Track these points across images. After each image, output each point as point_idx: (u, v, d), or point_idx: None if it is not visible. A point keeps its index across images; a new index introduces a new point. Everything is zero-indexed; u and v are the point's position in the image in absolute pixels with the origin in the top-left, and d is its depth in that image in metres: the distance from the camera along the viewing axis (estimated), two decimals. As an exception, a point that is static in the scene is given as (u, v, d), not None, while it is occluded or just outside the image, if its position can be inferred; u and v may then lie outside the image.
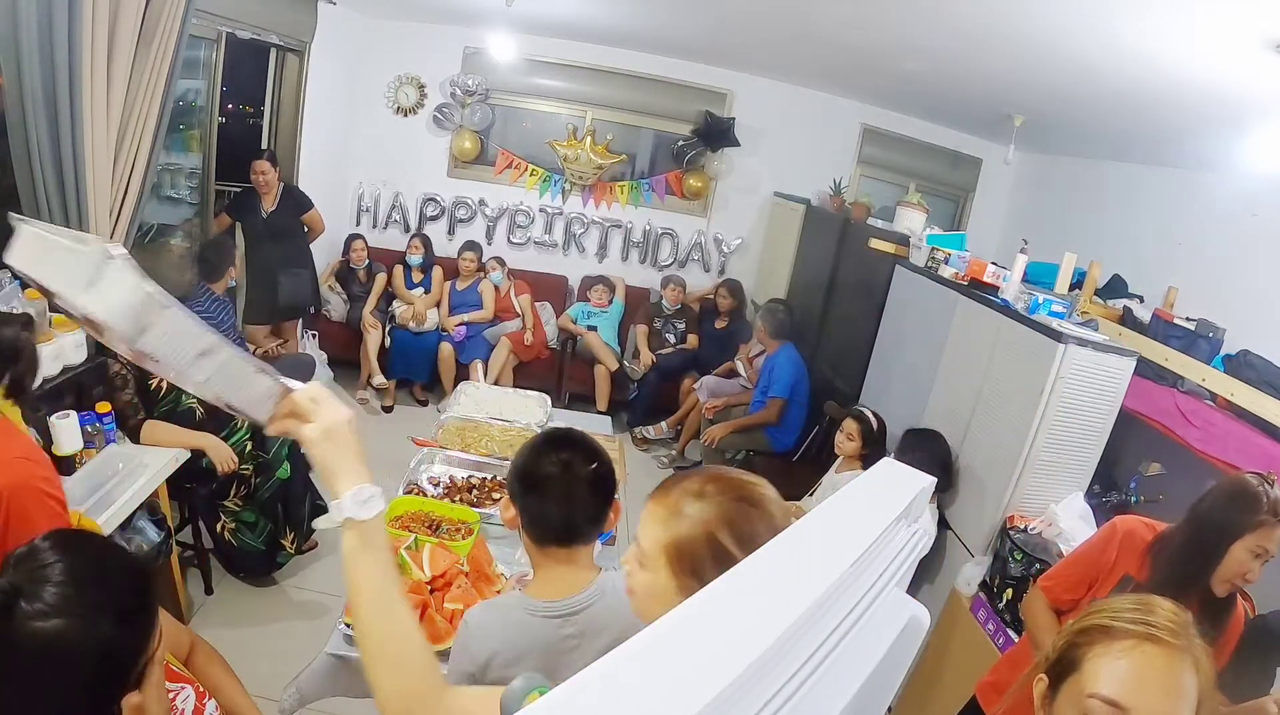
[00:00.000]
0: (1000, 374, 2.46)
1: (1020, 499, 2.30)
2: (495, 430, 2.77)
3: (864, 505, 0.59)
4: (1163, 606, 0.86)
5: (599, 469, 1.28)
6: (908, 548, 0.58)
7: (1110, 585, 1.56)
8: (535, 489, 1.26)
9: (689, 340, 4.88)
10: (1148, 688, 0.80)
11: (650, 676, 0.35)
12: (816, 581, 0.45)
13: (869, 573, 0.53)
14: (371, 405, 4.46)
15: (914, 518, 0.62)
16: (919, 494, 0.63)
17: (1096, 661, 0.84)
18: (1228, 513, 1.45)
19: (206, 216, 3.90)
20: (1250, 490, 1.45)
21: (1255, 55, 2.00)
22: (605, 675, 0.35)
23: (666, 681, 0.35)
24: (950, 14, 2.57)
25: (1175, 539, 1.52)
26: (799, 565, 0.47)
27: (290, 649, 2.39)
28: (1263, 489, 1.45)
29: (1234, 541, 1.43)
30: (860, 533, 0.53)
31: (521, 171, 5.15)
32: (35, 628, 0.86)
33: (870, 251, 3.54)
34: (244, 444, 2.63)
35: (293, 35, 4.06)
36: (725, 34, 3.99)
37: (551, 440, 1.32)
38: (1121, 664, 0.82)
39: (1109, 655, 0.83)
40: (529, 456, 1.30)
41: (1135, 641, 0.83)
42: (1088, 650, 0.86)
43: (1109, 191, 4.29)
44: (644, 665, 0.36)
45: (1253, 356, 2.38)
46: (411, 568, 1.77)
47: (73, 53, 2.19)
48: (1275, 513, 1.43)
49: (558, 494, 1.25)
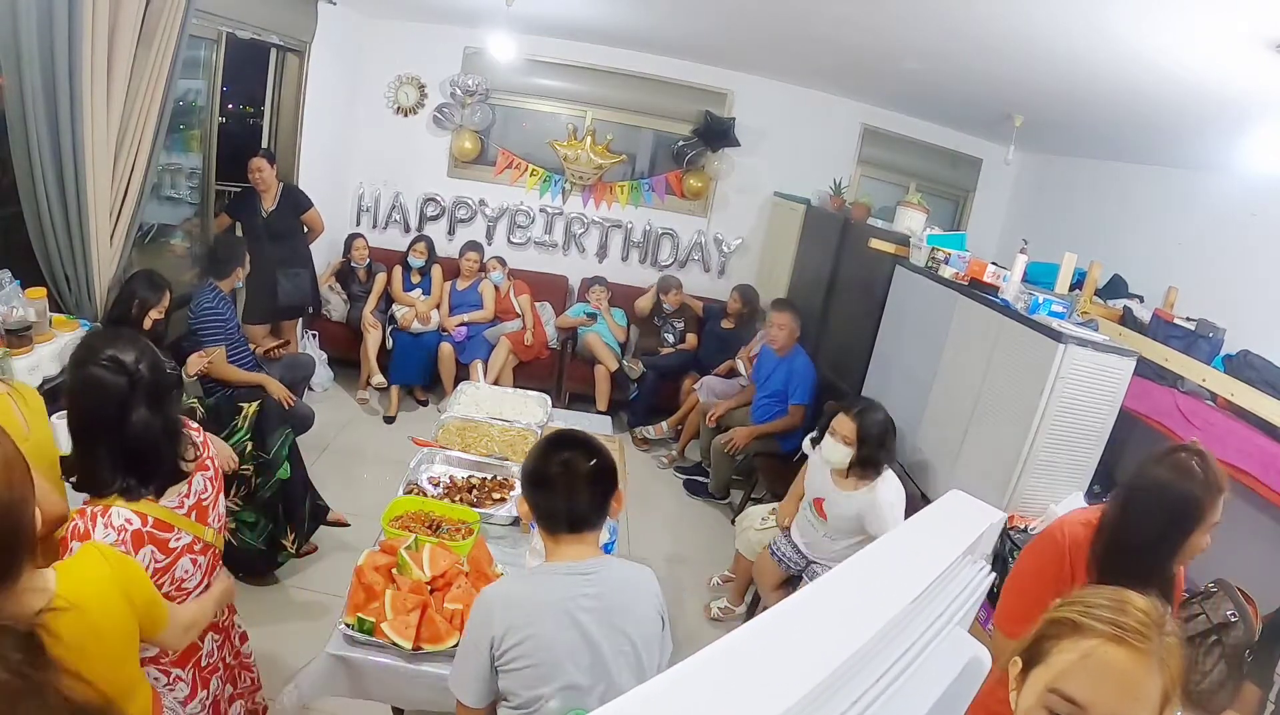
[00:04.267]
0: (1000, 374, 2.46)
1: (1020, 499, 2.30)
2: (495, 430, 2.78)
3: (929, 538, 0.56)
4: (1136, 605, 0.86)
5: (598, 464, 1.41)
6: (972, 585, 0.55)
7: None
8: (542, 487, 1.41)
9: (688, 340, 4.88)
10: (1107, 688, 0.81)
11: (704, 701, 0.35)
12: (875, 617, 0.44)
13: (931, 609, 0.50)
14: (371, 405, 4.46)
15: (980, 554, 0.59)
16: (987, 529, 0.60)
17: (1062, 656, 0.85)
18: (1182, 504, 1.41)
19: (206, 216, 3.91)
20: (1193, 473, 1.42)
21: (1255, 55, 2.00)
22: (658, 694, 0.35)
23: (720, 709, 0.34)
24: (950, 14, 2.57)
25: (1123, 536, 1.46)
26: (859, 599, 0.46)
27: (290, 649, 2.39)
28: (1197, 463, 1.43)
29: (1193, 532, 1.42)
30: (924, 567, 0.51)
31: (521, 171, 5.15)
32: None
33: (870, 251, 3.54)
34: (244, 444, 2.63)
35: (293, 35, 4.06)
36: (725, 34, 3.99)
37: (555, 442, 1.45)
38: (1085, 662, 0.83)
39: (1075, 651, 0.84)
40: (536, 458, 1.43)
41: (1101, 641, 0.84)
42: (1056, 643, 0.87)
43: (1109, 191, 4.29)
44: (698, 687, 0.36)
45: (1253, 356, 2.38)
46: (411, 568, 1.77)
47: (73, 53, 2.19)
48: (1218, 484, 1.42)
49: (562, 490, 1.39)
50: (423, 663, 1.65)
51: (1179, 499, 1.42)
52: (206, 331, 3.14)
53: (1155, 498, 1.44)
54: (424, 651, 1.64)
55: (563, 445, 1.43)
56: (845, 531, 2.50)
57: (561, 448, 1.42)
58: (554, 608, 1.33)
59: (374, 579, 1.74)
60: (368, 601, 1.70)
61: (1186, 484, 1.42)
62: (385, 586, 1.72)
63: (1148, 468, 1.49)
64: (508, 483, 2.42)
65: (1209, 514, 1.42)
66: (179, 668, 1.44)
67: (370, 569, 1.76)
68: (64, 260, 2.48)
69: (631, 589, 1.43)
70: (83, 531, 1.24)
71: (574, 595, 1.34)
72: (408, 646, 1.63)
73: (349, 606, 1.70)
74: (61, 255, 2.47)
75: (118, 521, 1.26)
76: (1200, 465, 1.43)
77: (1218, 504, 1.42)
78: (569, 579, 1.36)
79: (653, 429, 4.54)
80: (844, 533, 2.51)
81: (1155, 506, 1.44)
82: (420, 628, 1.65)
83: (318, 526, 2.89)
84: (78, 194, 2.37)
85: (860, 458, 2.41)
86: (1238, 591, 1.93)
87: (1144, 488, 1.47)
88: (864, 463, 2.41)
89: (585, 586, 1.36)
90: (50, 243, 2.44)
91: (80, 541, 1.20)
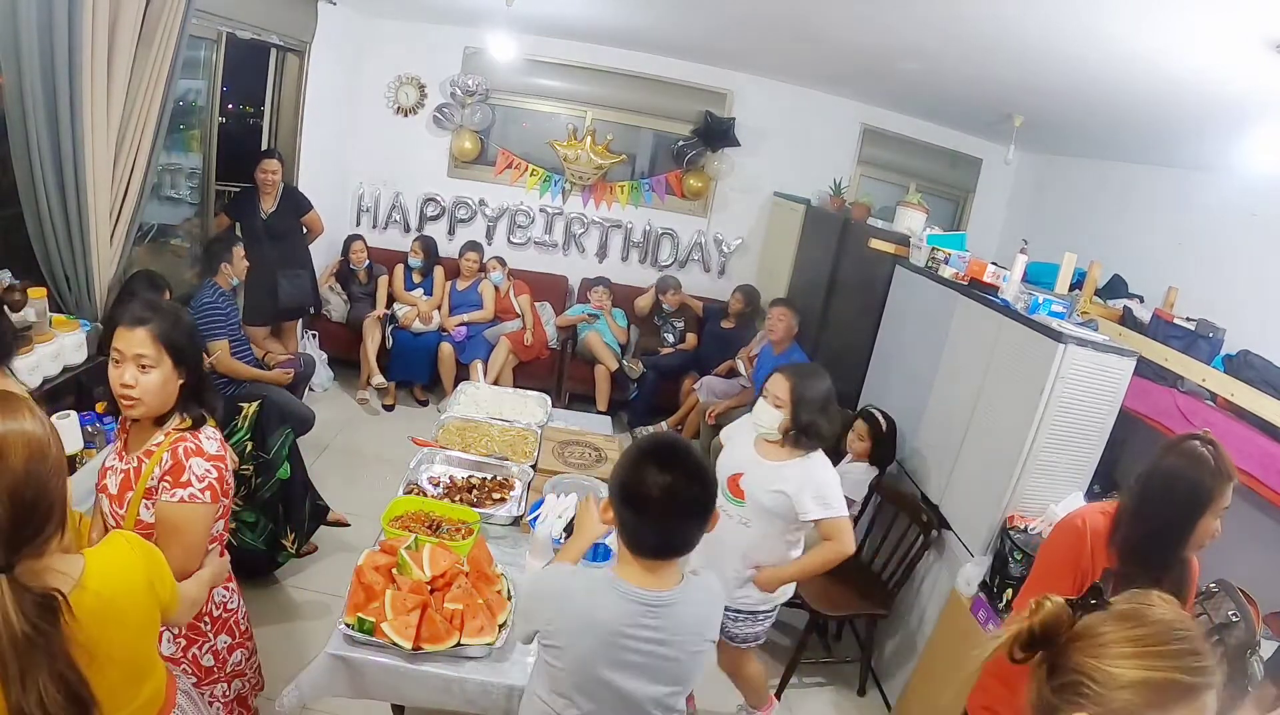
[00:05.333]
0: (1000, 374, 2.46)
1: (1020, 499, 2.30)
2: (495, 430, 2.78)
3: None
4: (1203, 644, 0.83)
5: (702, 494, 1.26)
6: None
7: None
8: (633, 505, 1.27)
9: (688, 340, 4.88)
10: None
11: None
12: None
13: None
14: (371, 405, 4.46)
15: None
16: None
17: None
18: (1193, 490, 1.46)
19: (206, 216, 3.91)
20: (1204, 460, 1.46)
21: (1255, 55, 2.00)
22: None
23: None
24: (950, 15, 2.57)
25: (1141, 525, 1.52)
26: None
27: (290, 649, 2.39)
28: (1209, 450, 1.47)
29: (1203, 515, 1.46)
30: None
31: (521, 171, 5.15)
32: None
33: (870, 251, 3.54)
34: (244, 444, 2.63)
35: (293, 35, 4.06)
36: (725, 34, 3.99)
37: (656, 456, 1.27)
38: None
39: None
40: (632, 468, 1.28)
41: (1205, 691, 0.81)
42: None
43: (1109, 191, 4.29)
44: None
45: (1253, 356, 2.38)
46: (411, 568, 1.77)
47: (73, 53, 2.19)
48: (1227, 472, 1.46)
49: (655, 515, 1.26)
50: (423, 663, 1.65)
51: (1190, 484, 1.47)
52: (207, 325, 3.14)
53: (1168, 484, 1.49)
54: (424, 651, 1.64)
55: (665, 463, 1.24)
56: (766, 512, 2.08)
57: (664, 467, 1.24)
58: (603, 630, 1.26)
59: (374, 579, 1.74)
60: (368, 601, 1.70)
61: (1197, 470, 1.47)
62: (385, 586, 1.72)
63: (1160, 456, 1.54)
64: (508, 483, 2.42)
65: (1219, 499, 1.46)
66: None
67: (370, 569, 1.76)
68: (64, 260, 2.48)
69: (697, 630, 1.33)
70: (194, 448, 1.41)
71: (630, 624, 1.26)
72: (408, 646, 1.63)
73: (349, 606, 1.70)
74: (61, 255, 2.47)
75: (213, 434, 1.48)
76: (1212, 452, 1.47)
77: (1227, 491, 1.46)
78: (630, 606, 1.26)
79: (652, 429, 4.54)
80: (764, 514, 2.08)
81: (1168, 493, 1.49)
82: (420, 628, 1.65)
83: (318, 526, 2.89)
84: (78, 194, 2.37)
85: (796, 422, 2.04)
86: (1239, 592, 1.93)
87: (1157, 475, 1.52)
88: (801, 429, 2.05)
89: (646, 618, 1.26)
90: (50, 243, 2.44)
91: (193, 458, 1.41)
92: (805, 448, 2.08)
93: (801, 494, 2.03)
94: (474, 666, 1.66)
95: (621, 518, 1.29)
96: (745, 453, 2.15)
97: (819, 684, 2.87)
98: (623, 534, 1.31)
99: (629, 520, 1.28)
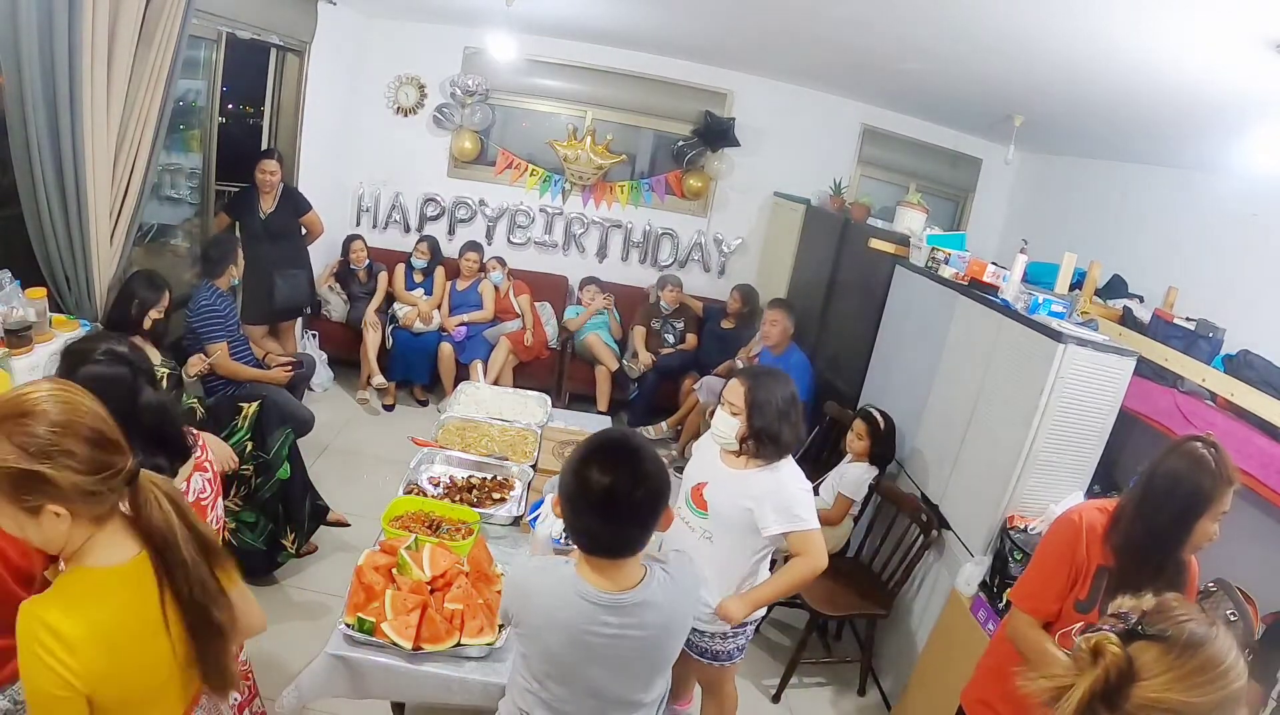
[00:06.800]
0: (1000, 374, 2.46)
1: (1020, 499, 2.30)
2: (495, 430, 2.78)
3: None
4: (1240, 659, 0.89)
5: (646, 498, 1.23)
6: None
7: (1088, 582, 1.56)
8: (573, 504, 1.25)
9: (687, 340, 4.88)
10: None
11: None
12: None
13: None
14: (371, 405, 4.46)
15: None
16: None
17: None
18: (1192, 493, 1.46)
19: (206, 216, 3.91)
20: (1206, 463, 1.46)
21: (1255, 55, 2.00)
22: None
23: None
24: (950, 15, 2.57)
25: (1139, 525, 1.51)
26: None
27: (290, 649, 2.39)
28: (1211, 453, 1.47)
29: (1201, 517, 1.46)
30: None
31: (521, 171, 5.15)
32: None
33: (870, 251, 3.54)
34: (244, 444, 2.63)
35: (293, 35, 4.06)
36: (725, 34, 3.99)
37: (600, 452, 1.25)
38: None
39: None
40: (573, 472, 1.25)
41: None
42: None
43: (1109, 191, 4.29)
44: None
45: (1253, 356, 2.37)
46: (411, 568, 1.77)
47: (73, 53, 2.19)
48: (1228, 476, 1.45)
49: (595, 516, 1.24)
50: (423, 663, 1.65)
51: (1190, 487, 1.46)
52: (206, 328, 3.15)
53: (1167, 485, 1.49)
54: (424, 651, 1.64)
55: (608, 464, 1.22)
56: (730, 526, 1.93)
57: (606, 468, 1.21)
58: (567, 628, 1.26)
59: (374, 579, 1.74)
60: (368, 601, 1.70)
61: (1197, 472, 1.46)
62: (385, 586, 1.72)
63: (1162, 457, 1.54)
64: (508, 483, 2.42)
65: (1217, 503, 1.45)
66: None
67: (370, 569, 1.76)
68: (64, 260, 2.48)
69: (665, 626, 1.31)
70: None
71: (592, 623, 1.25)
72: (408, 646, 1.63)
73: (349, 606, 1.70)
74: (61, 255, 2.47)
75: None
76: (1214, 455, 1.47)
77: (1227, 495, 1.46)
78: (589, 607, 1.24)
79: (652, 429, 4.54)
80: (728, 527, 1.93)
81: (1167, 494, 1.48)
82: (420, 628, 1.66)
83: (318, 526, 2.89)
84: (78, 194, 2.37)
85: (754, 429, 1.88)
86: (1238, 591, 1.93)
87: (1157, 476, 1.51)
88: (759, 436, 1.88)
89: (607, 616, 1.25)
90: (50, 243, 2.44)
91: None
92: (767, 457, 1.90)
93: (762, 505, 1.87)
94: (474, 666, 1.67)
95: (565, 515, 1.28)
96: (710, 462, 2.00)
97: (819, 684, 2.87)
98: (569, 531, 1.31)
99: (570, 519, 1.27)
